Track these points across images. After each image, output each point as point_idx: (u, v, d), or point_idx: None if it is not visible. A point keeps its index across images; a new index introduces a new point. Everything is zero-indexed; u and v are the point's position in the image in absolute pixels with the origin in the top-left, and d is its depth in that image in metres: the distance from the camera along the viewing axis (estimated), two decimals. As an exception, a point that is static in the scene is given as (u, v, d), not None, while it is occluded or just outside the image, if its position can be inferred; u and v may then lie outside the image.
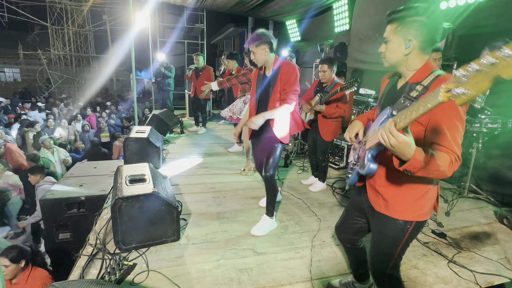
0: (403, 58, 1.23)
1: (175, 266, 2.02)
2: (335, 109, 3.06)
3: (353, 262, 1.77)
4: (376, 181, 1.35)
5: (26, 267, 2.35)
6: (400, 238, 1.33)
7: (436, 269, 2.10)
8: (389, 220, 1.32)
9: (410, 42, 1.19)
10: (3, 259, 2.25)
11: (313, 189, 3.40)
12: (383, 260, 1.43)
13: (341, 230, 1.68)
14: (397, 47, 1.22)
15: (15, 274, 2.30)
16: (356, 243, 1.66)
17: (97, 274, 1.90)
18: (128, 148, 3.69)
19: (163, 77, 7.32)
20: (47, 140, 5.39)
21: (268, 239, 2.41)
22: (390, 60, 1.27)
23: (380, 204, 1.35)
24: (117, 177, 2.43)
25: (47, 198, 2.89)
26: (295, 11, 7.02)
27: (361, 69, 5.56)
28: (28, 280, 2.33)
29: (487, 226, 2.74)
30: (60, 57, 16.78)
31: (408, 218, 1.29)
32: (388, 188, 1.31)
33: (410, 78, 1.25)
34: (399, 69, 1.29)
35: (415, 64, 1.23)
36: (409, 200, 1.28)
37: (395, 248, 1.36)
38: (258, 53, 2.30)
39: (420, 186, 1.26)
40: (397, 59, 1.25)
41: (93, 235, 2.29)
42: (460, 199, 3.20)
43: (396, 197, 1.29)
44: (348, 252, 1.75)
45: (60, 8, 16.02)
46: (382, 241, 1.39)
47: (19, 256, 2.30)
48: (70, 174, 3.61)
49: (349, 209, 1.63)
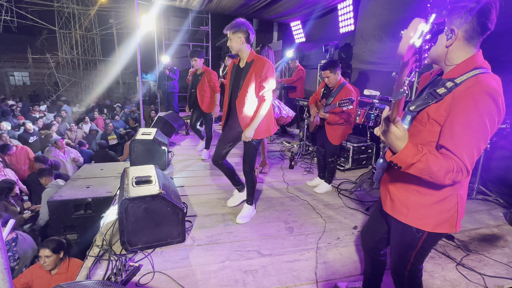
0: (443, 51, 1.07)
1: (180, 268, 2.03)
2: (340, 116, 3.05)
3: (370, 273, 1.67)
4: (388, 179, 1.30)
5: (64, 258, 2.45)
6: (413, 245, 1.25)
7: (444, 272, 2.07)
8: (399, 224, 1.26)
9: (453, 32, 1.02)
10: (45, 250, 2.34)
11: (318, 191, 3.39)
12: (400, 264, 1.36)
13: (367, 235, 1.57)
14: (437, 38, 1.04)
15: (55, 264, 2.39)
16: (380, 252, 1.55)
17: (103, 275, 1.92)
18: (134, 150, 3.73)
19: (167, 79, 7.38)
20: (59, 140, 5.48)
21: (273, 240, 2.40)
22: (430, 54, 1.09)
23: (386, 203, 1.31)
24: (124, 179, 2.45)
25: (55, 200, 2.93)
26: (299, 13, 7.02)
27: (366, 69, 5.53)
28: (69, 268, 2.43)
29: (496, 228, 2.70)
30: (68, 60, 17.07)
31: (412, 224, 1.21)
32: (396, 188, 1.25)
33: (446, 74, 1.10)
34: (440, 64, 1.13)
35: (457, 57, 1.07)
36: (415, 205, 1.20)
37: (409, 254, 1.29)
38: (234, 40, 2.36)
39: (430, 194, 1.16)
40: (438, 52, 1.09)
41: (100, 236, 2.31)
42: (468, 201, 3.15)
43: (402, 199, 1.23)
44: (370, 262, 1.63)
45: (68, 13, 16.32)
46: (396, 245, 1.34)
47: (58, 247, 2.40)
48: (77, 176, 3.66)
49: (374, 212, 1.54)
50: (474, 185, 3.21)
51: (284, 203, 3.10)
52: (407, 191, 1.22)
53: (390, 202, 1.29)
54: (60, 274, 2.42)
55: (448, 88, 1.02)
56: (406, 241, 1.27)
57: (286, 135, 6.38)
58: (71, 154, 5.67)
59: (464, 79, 1.02)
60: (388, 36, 4.84)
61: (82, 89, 17.05)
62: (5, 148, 5.15)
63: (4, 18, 15.01)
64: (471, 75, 1.02)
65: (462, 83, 1.01)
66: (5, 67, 18.29)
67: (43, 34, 17.05)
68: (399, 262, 1.37)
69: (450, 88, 1.02)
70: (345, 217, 2.84)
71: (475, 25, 1.01)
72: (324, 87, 3.24)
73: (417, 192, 1.19)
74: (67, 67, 17.13)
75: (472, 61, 1.06)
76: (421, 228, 1.20)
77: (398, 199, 1.25)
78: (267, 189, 3.48)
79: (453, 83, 1.03)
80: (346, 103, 2.81)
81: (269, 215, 2.83)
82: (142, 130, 4.19)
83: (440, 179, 0.99)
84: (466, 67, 1.05)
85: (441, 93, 1.02)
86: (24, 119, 8.75)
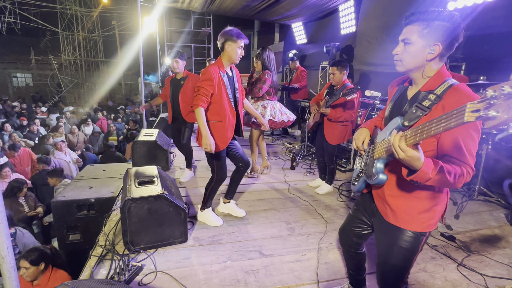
0: (423, 63, 1.16)
1: (182, 268, 2.05)
2: (341, 113, 3.04)
3: (353, 268, 1.72)
4: (385, 191, 1.31)
5: (46, 269, 2.39)
6: (415, 251, 1.28)
7: (445, 273, 2.07)
8: (401, 232, 1.27)
9: (436, 47, 1.11)
10: (23, 262, 2.30)
11: (319, 191, 3.40)
12: (397, 276, 1.35)
13: (344, 233, 1.65)
14: (420, 51, 1.13)
15: (35, 276, 2.35)
16: (359, 247, 1.63)
17: (106, 274, 1.94)
18: (137, 151, 3.75)
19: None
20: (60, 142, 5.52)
21: (274, 241, 2.42)
22: (408, 64, 1.18)
23: (388, 214, 1.31)
24: (127, 179, 2.47)
25: (58, 200, 2.96)
26: (301, 14, 7.04)
27: (367, 71, 5.54)
28: (49, 281, 2.37)
29: (497, 229, 2.70)
30: (71, 62, 17.14)
31: (418, 229, 1.25)
32: (396, 198, 1.27)
33: (423, 86, 1.18)
34: (414, 75, 1.21)
35: (431, 70, 1.17)
36: (418, 211, 1.24)
37: (409, 262, 1.30)
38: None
39: (429, 198, 1.23)
40: (417, 64, 1.16)
41: (103, 236, 2.33)
42: (470, 202, 3.15)
43: (405, 208, 1.26)
44: (350, 257, 1.69)
45: (71, 15, 16.41)
46: (394, 254, 1.31)
47: (39, 259, 2.34)
48: (80, 176, 3.68)
49: (354, 214, 1.59)
50: (475, 186, 3.21)
51: (286, 204, 3.11)
52: (408, 200, 1.25)
53: (392, 212, 1.29)
54: (39, 286, 2.36)
55: (432, 100, 1.11)
56: (408, 247, 1.27)
57: (288, 136, 6.39)
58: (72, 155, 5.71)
59: (442, 90, 1.11)
60: (390, 37, 4.85)
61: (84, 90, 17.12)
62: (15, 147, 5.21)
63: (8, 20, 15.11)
64: (447, 86, 1.11)
65: (444, 94, 1.10)
66: (8, 69, 18.39)
67: (46, 35, 17.15)
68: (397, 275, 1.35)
69: (434, 100, 1.10)
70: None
71: (451, 44, 1.12)
72: (329, 87, 3.25)
73: (417, 198, 1.24)
74: (70, 69, 17.21)
75: (443, 72, 1.17)
76: (425, 231, 1.26)
77: (400, 209, 1.27)
78: (268, 190, 3.49)
79: (435, 95, 1.11)
80: (350, 92, 2.79)
81: (271, 216, 2.84)
82: (145, 131, 4.22)
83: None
84: (440, 79, 1.16)
85: (427, 105, 1.10)
86: (26, 120, 8.83)
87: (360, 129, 1.46)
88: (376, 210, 1.37)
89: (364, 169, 1.38)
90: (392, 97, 1.37)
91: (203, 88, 2.28)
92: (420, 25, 1.12)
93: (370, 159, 1.33)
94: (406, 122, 1.11)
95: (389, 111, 1.34)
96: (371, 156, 1.33)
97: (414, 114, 1.10)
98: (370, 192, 1.43)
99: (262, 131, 3.84)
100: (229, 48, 2.32)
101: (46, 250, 2.44)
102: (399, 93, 1.33)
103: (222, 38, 2.32)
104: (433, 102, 1.09)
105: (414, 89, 1.24)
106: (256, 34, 12.06)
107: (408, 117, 1.12)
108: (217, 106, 2.37)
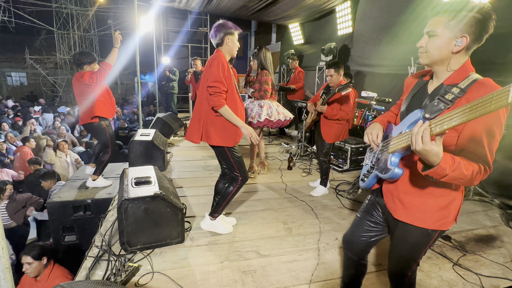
0: (448, 56, 1.10)
1: (179, 268, 2.04)
2: (337, 111, 3.06)
3: (349, 276, 1.63)
4: (399, 187, 1.26)
5: (48, 264, 2.41)
6: (425, 245, 1.29)
7: (441, 272, 2.09)
8: (412, 228, 1.25)
9: (463, 39, 1.05)
10: (26, 257, 2.31)
11: (315, 194, 3.38)
12: (406, 265, 1.37)
13: (352, 239, 1.52)
14: (446, 43, 1.08)
15: (38, 271, 2.36)
16: (365, 256, 1.55)
17: (102, 275, 1.93)
18: (133, 151, 3.73)
19: (167, 80, 7.40)
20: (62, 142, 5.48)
21: (271, 241, 2.42)
22: (433, 57, 1.12)
23: (398, 211, 1.28)
24: (123, 179, 2.46)
25: (54, 201, 2.93)
26: (298, 15, 7.06)
27: (363, 71, 5.56)
28: (49, 277, 2.38)
29: (492, 229, 2.72)
30: (66, 61, 17.00)
31: (431, 227, 1.22)
32: (409, 195, 1.24)
33: (446, 80, 1.14)
34: (438, 68, 1.16)
35: (457, 64, 1.11)
36: (432, 209, 1.21)
37: (418, 254, 1.32)
38: None
39: (445, 195, 1.19)
40: (442, 56, 1.11)
41: (99, 237, 2.32)
42: (465, 202, 3.18)
43: (418, 205, 1.22)
44: (350, 265, 1.59)
45: (66, 13, 16.27)
46: (404, 247, 1.33)
47: (41, 253, 2.36)
48: (75, 176, 3.65)
49: (362, 217, 1.49)
50: (470, 186, 3.24)
51: (283, 204, 3.11)
52: (421, 196, 1.22)
53: (404, 209, 1.26)
54: (40, 282, 2.37)
55: (455, 93, 1.06)
56: (420, 243, 1.28)
57: (285, 136, 6.40)
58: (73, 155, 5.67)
59: (467, 84, 1.07)
60: (386, 38, 4.88)
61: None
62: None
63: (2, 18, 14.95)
64: (471, 80, 1.07)
65: (468, 88, 1.06)
66: (2, 68, 18.21)
67: (41, 34, 17.00)
68: (405, 264, 1.37)
69: (458, 94, 1.06)
70: (343, 218, 2.86)
71: (481, 35, 1.06)
72: (325, 87, 3.27)
73: (432, 195, 1.20)
74: (65, 68, 17.08)
75: (468, 66, 1.12)
76: (439, 229, 1.23)
77: (413, 206, 1.24)
78: (265, 190, 3.50)
79: (459, 89, 1.07)
80: (344, 87, 2.82)
81: (268, 216, 2.84)
82: (141, 131, 4.20)
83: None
84: (465, 73, 1.10)
85: (450, 99, 1.06)
86: (21, 120, 8.74)
87: (372, 123, 1.43)
88: (385, 206, 1.35)
89: (376, 165, 1.35)
90: (410, 91, 1.32)
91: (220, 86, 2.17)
92: (447, 16, 1.07)
93: (383, 154, 1.30)
94: (428, 114, 1.07)
95: (407, 105, 1.29)
96: (385, 151, 1.30)
97: (436, 107, 1.06)
98: (379, 189, 1.39)
99: (261, 131, 3.84)
100: (230, 41, 2.26)
101: (47, 245, 2.47)
102: (418, 87, 1.28)
103: (221, 33, 2.23)
104: (456, 95, 1.05)
105: (435, 83, 1.20)
106: (253, 34, 12.07)
107: (429, 109, 1.08)
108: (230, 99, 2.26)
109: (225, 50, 2.29)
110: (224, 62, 2.20)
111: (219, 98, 2.13)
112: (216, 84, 2.13)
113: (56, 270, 2.44)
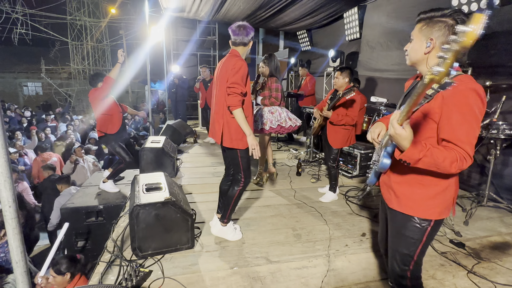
0: (423, 57, 1.26)
1: (189, 274, 2.05)
2: (342, 117, 3.06)
3: None
4: (391, 178, 1.37)
5: (72, 279, 2.36)
6: (420, 239, 1.32)
7: (455, 280, 2.04)
8: (405, 218, 1.32)
9: (431, 42, 1.21)
10: (51, 270, 2.30)
11: (324, 200, 3.36)
12: (403, 263, 1.40)
13: (382, 239, 1.63)
14: (418, 46, 1.26)
15: (63, 286, 2.33)
16: None
17: (115, 280, 1.96)
18: (144, 158, 3.80)
19: (177, 88, 7.53)
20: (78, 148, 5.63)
21: (281, 247, 2.41)
22: (411, 58, 1.30)
23: (392, 200, 1.37)
24: (135, 186, 2.51)
25: (67, 207, 3.01)
26: (305, 21, 7.11)
27: (372, 77, 5.54)
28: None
29: (508, 236, 2.65)
30: (79, 70, 17.53)
31: (422, 216, 1.29)
32: (400, 184, 1.33)
33: None
34: (420, 68, 1.31)
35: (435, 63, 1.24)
36: (421, 197, 1.28)
37: (413, 249, 1.34)
38: None
39: (433, 185, 1.27)
40: (417, 57, 1.28)
41: (111, 243, 2.36)
42: (479, 208, 3.10)
43: (408, 194, 1.30)
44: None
45: (80, 25, 16.86)
46: (400, 241, 1.38)
47: (64, 269, 2.32)
48: (88, 183, 3.74)
49: (381, 215, 1.60)
50: (484, 192, 3.16)
51: (292, 210, 3.11)
52: (411, 186, 1.30)
53: (396, 198, 1.35)
54: None
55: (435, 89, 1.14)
56: (412, 234, 1.32)
57: (293, 142, 6.40)
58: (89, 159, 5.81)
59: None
60: (394, 43, 4.86)
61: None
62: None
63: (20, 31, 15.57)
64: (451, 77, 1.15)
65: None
66: (19, 78, 18.90)
67: (56, 45, 17.62)
68: (401, 261, 1.39)
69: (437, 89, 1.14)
70: (353, 224, 2.83)
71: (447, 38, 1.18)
72: (333, 92, 3.28)
73: (421, 185, 1.28)
74: (79, 77, 17.60)
75: None
76: (427, 218, 1.29)
77: (403, 195, 1.33)
78: (274, 196, 3.50)
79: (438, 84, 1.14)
80: (348, 91, 2.84)
81: (277, 222, 2.84)
82: (151, 138, 4.28)
83: (447, 168, 1.11)
84: None
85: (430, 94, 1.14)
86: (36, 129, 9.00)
87: (376, 122, 1.52)
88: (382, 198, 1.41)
89: (376, 161, 1.43)
90: (406, 91, 1.45)
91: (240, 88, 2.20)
92: (421, 23, 1.25)
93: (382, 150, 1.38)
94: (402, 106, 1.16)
95: (400, 104, 1.42)
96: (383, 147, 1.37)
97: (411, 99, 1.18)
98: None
99: (269, 138, 3.86)
100: (251, 43, 2.36)
101: (75, 259, 2.41)
102: (412, 86, 1.41)
103: (251, 34, 2.30)
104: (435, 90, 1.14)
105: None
106: (261, 42, 12.18)
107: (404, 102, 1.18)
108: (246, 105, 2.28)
109: (244, 51, 2.34)
110: (246, 66, 2.25)
111: (236, 99, 2.17)
112: (236, 86, 2.17)
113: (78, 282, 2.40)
